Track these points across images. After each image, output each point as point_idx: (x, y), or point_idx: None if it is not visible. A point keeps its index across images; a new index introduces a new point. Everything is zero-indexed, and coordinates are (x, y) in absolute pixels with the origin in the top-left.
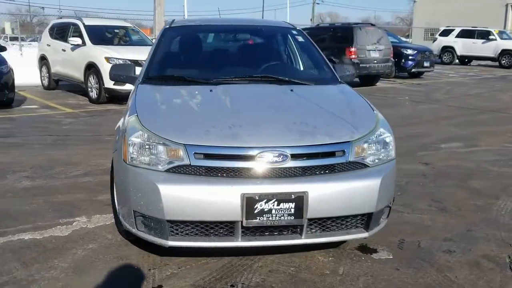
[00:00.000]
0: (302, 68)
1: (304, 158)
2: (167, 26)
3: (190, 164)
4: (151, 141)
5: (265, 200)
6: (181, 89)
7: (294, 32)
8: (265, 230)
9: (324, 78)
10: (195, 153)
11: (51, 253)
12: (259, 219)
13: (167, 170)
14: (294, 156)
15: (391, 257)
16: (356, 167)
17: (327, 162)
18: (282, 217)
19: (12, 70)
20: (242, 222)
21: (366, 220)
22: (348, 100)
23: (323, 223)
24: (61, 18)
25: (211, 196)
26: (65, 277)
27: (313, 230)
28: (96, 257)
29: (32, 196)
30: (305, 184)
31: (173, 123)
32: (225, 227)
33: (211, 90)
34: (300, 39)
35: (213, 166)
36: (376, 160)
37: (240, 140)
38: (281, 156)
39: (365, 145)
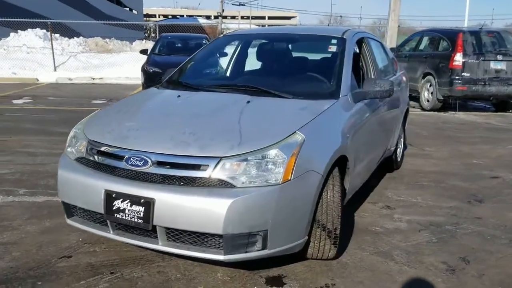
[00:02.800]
0: (318, 80)
1: (168, 166)
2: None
3: (83, 156)
4: (78, 135)
5: (121, 199)
6: (161, 93)
7: (333, 41)
8: (133, 228)
9: (319, 93)
10: (90, 147)
11: None
12: (116, 215)
13: (76, 159)
14: (160, 164)
15: None
16: (219, 184)
17: (188, 174)
18: (133, 219)
19: None
20: (104, 215)
21: (222, 242)
22: (287, 116)
23: (180, 235)
24: None
25: (82, 187)
26: None
27: (171, 240)
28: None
29: None
30: (155, 192)
31: (102, 123)
32: (101, 218)
33: (178, 96)
34: (334, 48)
35: (97, 161)
36: (252, 182)
37: (123, 141)
38: (143, 161)
39: (240, 164)
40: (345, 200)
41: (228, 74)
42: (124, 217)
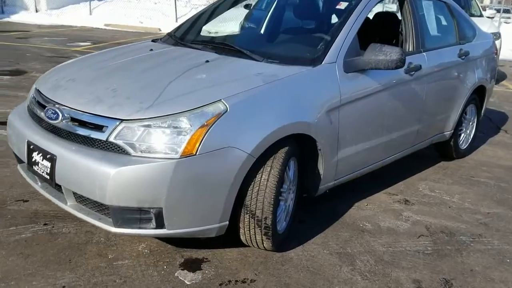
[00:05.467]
0: (306, 42)
1: (76, 123)
2: None
3: (28, 105)
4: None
5: (37, 152)
6: (144, 46)
7: None
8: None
9: (297, 57)
10: (33, 96)
11: None
12: (34, 168)
13: (27, 107)
14: (72, 120)
15: (194, 282)
16: (115, 150)
17: (89, 134)
18: (43, 173)
19: None
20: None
21: (110, 213)
22: (229, 82)
23: (82, 199)
24: None
25: (16, 134)
26: None
27: (79, 201)
28: None
29: None
30: (58, 148)
31: (60, 71)
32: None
33: (151, 50)
34: (344, 5)
35: (32, 110)
36: (150, 152)
37: (53, 92)
38: (56, 115)
39: (141, 130)
40: (320, 188)
41: (236, 30)
42: (38, 171)
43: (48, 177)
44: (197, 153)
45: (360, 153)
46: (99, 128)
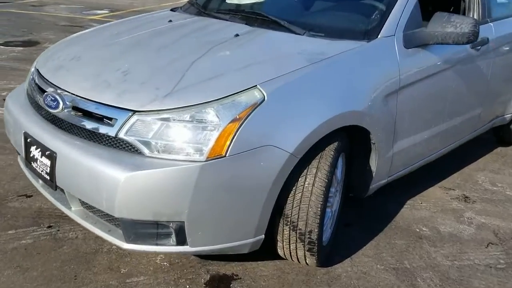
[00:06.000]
0: (359, 12)
1: (80, 113)
2: None
3: (26, 88)
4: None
5: (35, 146)
6: (163, 16)
7: None
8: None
9: (348, 30)
10: (32, 78)
11: None
12: (32, 164)
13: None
14: (76, 109)
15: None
16: (126, 148)
17: (96, 127)
18: (43, 173)
19: None
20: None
21: (121, 226)
22: (265, 61)
23: (89, 204)
24: None
25: (13, 123)
26: None
27: (85, 207)
28: None
29: None
30: (59, 143)
31: (62, 47)
32: None
33: (170, 21)
34: None
35: (31, 95)
36: (168, 152)
37: (53, 73)
38: (55, 102)
39: (158, 124)
40: (371, 187)
41: None
42: (37, 169)
43: (48, 177)
44: (227, 155)
45: (418, 144)
46: (107, 120)
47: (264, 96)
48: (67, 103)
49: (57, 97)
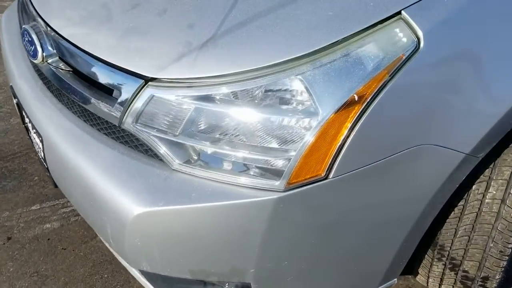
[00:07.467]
0: None
1: (70, 70)
2: None
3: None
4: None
5: (24, 112)
6: None
7: None
8: None
9: None
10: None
11: None
12: (30, 135)
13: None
14: (63, 62)
15: None
16: (138, 148)
17: (90, 101)
18: (39, 153)
19: None
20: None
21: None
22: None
23: None
24: None
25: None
26: None
27: None
28: None
29: None
30: (45, 121)
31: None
32: None
33: None
34: None
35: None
36: (221, 171)
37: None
38: (32, 45)
39: (194, 109)
40: None
41: None
42: (35, 146)
43: (45, 165)
44: (331, 175)
45: None
46: (107, 91)
47: (418, 39)
48: (50, 49)
49: (34, 38)
